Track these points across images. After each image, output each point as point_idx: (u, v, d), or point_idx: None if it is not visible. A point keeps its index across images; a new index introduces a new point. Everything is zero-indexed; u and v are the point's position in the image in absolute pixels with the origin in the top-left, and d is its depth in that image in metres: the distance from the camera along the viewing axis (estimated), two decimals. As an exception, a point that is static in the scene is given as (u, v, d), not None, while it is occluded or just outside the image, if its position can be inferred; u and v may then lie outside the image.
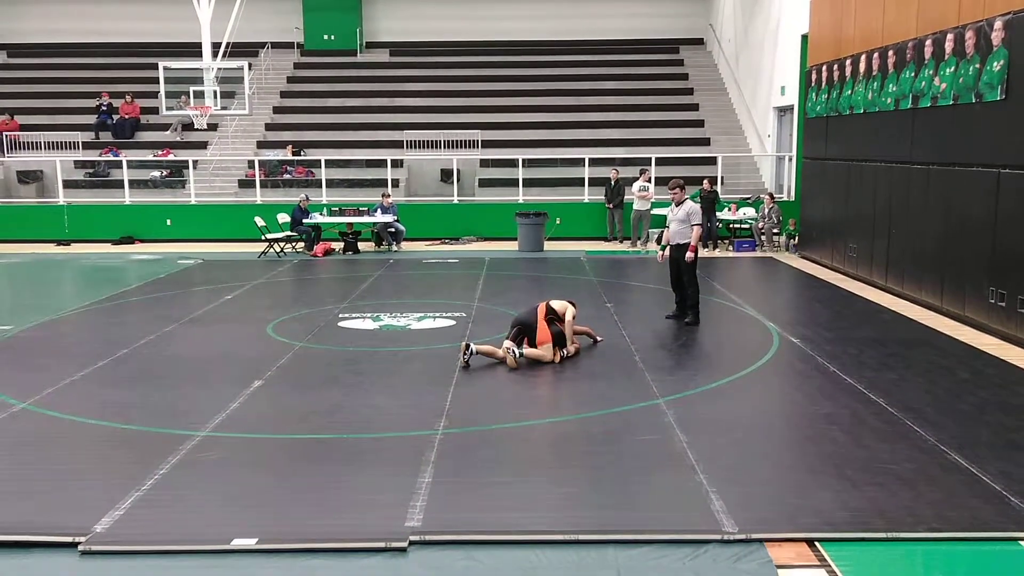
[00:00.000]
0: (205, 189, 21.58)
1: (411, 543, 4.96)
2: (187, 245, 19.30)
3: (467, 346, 8.83)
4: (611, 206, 19.56)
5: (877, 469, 5.99)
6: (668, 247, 10.95)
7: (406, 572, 4.72)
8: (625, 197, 19.39)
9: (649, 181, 19.07)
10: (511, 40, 27.30)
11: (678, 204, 10.78)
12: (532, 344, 8.92)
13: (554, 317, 9.08)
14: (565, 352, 9.04)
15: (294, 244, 18.17)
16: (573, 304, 9.44)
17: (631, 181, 19.67)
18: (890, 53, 13.07)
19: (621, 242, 19.50)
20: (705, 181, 18.56)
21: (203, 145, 23.22)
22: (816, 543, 4.95)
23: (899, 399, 7.56)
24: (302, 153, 22.73)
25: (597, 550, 4.91)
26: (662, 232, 19.04)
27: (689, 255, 10.59)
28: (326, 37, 27.56)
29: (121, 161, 21.65)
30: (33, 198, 22.06)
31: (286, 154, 22.55)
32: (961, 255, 11.03)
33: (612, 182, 19.52)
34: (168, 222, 20.27)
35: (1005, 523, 5.17)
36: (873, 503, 5.43)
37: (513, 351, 8.74)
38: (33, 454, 6.48)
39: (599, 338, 9.77)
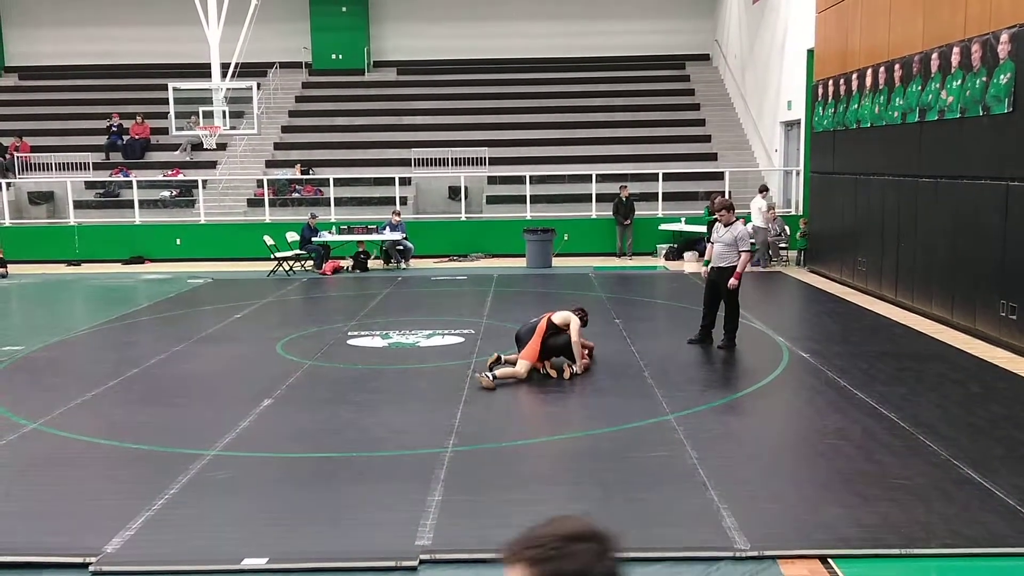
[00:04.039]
0: (214, 208, 21.68)
1: (421, 562, 4.94)
2: (197, 264, 19.37)
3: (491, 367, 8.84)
4: (627, 222, 19.51)
5: (889, 484, 5.95)
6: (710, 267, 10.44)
7: (417, 591, 4.70)
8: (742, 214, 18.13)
9: (764, 197, 17.71)
10: (518, 58, 27.41)
11: (727, 225, 10.28)
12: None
13: (555, 331, 9.00)
14: (575, 369, 9.01)
15: (303, 262, 18.23)
16: (581, 313, 9.21)
17: (640, 197, 19.67)
18: (896, 67, 13.08)
19: (631, 257, 19.49)
20: (717, 197, 18.46)
21: (212, 165, 23.35)
22: (829, 560, 4.92)
23: (911, 414, 7.51)
24: (310, 172, 22.83)
25: (608, 568, 4.88)
26: (702, 247, 18.59)
27: (733, 282, 10.10)
28: (334, 56, 27.74)
29: (131, 181, 21.79)
30: (44, 219, 22.20)
31: (295, 173, 22.65)
32: (971, 268, 10.99)
33: (623, 198, 19.51)
34: (178, 241, 20.36)
35: (1020, 538, 5.13)
36: (886, 519, 5.40)
37: (487, 374, 8.63)
38: (44, 474, 6.49)
39: (580, 366, 9.06)
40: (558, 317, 9.08)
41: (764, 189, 18.35)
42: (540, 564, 1.76)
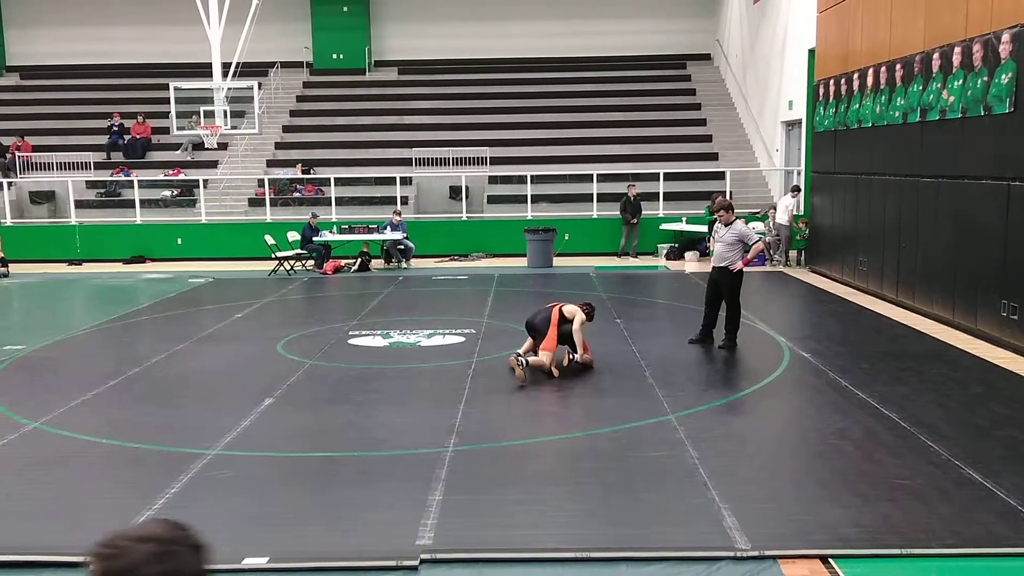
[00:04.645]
0: (215, 208, 21.69)
1: (422, 561, 4.94)
2: (198, 264, 19.37)
3: (516, 356, 8.90)
4: (635, 221, 19.49)
5: (890, 484, 5.95)
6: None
7: (417, 591, 4.70)
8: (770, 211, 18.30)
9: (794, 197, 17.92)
10: (519, 57, 27.40)
11: (727, 225, 10.32)
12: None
13: (563, 321, 9.17)
14: (575, 357, 9.08)
15: (304, 262, 18.23)
16: (588, 308, 9.36)
17: (641, 197, 19.66)
18: (898, 67, 13.07)
19: (636, 257, 19.47)
20: (718, 196, 18.43)
21: (213, 164, 23.36)
22: (830, 560, 4.92)
23: (912, 413, 7.51)
24: (311, 171, 22.84)
25: (609, 568, 4.88)
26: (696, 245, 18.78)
27: (739, 265, 10.18)
28: (335, 56, 27.74)
29: (132, 181, 21.80)
30: (45, 218, 22.20)
31: (295, 172, 22.66)
32: (972, 268, 10.99)
33: (631, 197, 19.48)
34: (179, 241, 20.37)
35: (1021, 539, 5.12)
36: (887, 519, 5.40)
37: (521, 361, 8.76)
38: (45, 473, 6.49)
39: (577, 358, 9.29)
40: (567, 310, 9.26)
41: (796, 189, 18.43)
42: (99, 560, 1.86)
